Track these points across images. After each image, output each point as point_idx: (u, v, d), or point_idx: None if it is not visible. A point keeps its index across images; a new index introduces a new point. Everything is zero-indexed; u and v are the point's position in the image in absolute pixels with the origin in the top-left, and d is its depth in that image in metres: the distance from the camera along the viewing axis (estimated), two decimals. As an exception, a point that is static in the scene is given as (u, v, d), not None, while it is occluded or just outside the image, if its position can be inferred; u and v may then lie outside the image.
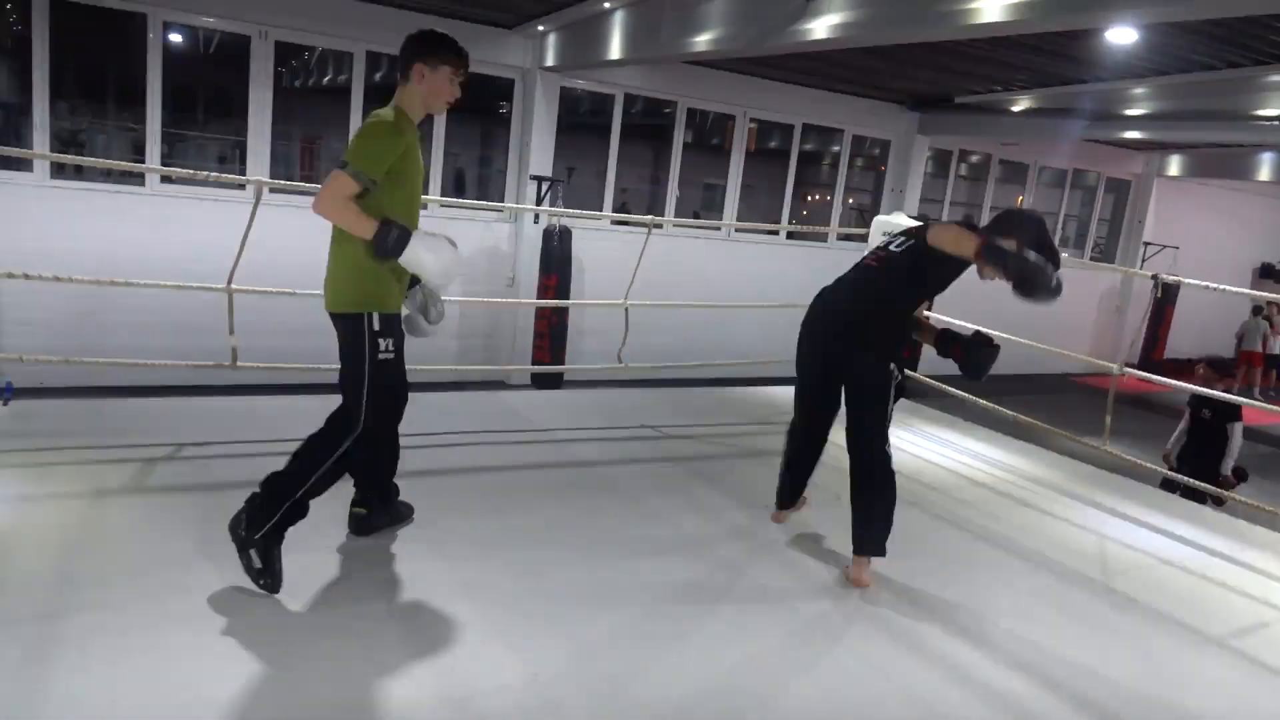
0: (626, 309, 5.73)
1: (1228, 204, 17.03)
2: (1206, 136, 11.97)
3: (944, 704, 2.77)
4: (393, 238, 2.84)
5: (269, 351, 5.27)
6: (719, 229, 11.49)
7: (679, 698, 2.63)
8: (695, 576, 3.43)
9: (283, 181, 8.88)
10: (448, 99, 3.07)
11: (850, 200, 13.27)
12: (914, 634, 3.15)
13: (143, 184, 8.48)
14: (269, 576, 2.89)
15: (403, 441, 4.51)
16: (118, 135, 9.09)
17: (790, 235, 12.24)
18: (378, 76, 9.43)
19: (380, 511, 3.47)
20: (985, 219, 14.74)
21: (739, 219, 11.75)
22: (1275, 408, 7.88)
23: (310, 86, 9.80)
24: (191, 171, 7.69)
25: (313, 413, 3.17)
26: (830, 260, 10.84)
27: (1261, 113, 9.58)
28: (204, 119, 9.56)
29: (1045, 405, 3.63)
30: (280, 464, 2.99)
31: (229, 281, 4.65)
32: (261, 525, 2.87)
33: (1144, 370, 6.36)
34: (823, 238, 12.22)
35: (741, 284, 10.77)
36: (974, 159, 14.20)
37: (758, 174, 12.29)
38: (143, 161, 8.43)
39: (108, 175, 8.45)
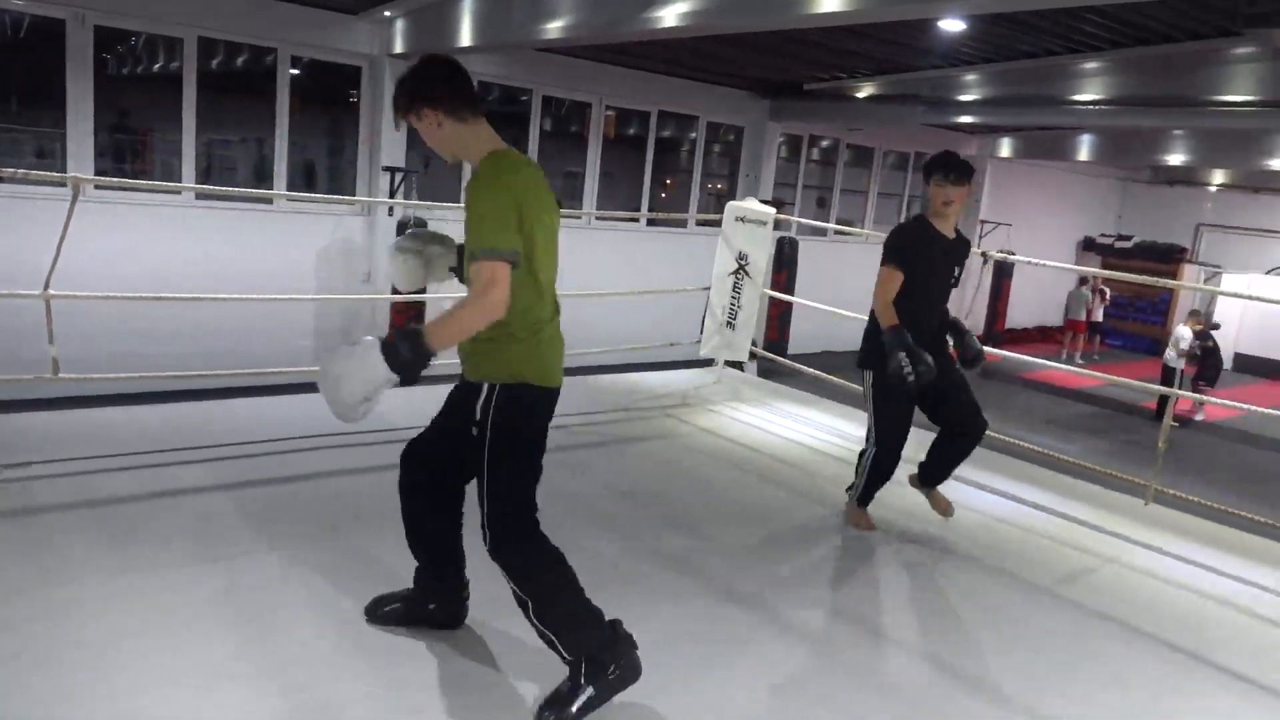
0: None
1: (1054, 183, 18.32)
2: (1031, 120, 12.80)
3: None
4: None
5: (98, 360, 4.93)
6: (579, 218, 11.50)
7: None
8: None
9: (106, 178, 8.27)
10: None
11: (713, 185, 13.53)
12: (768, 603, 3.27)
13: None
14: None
15: (255, 449, 4.36)
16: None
17: (650, 222, 12.38)
18: (212, 64, 8.93)
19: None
20: (835, 203, 15.26)
21: (599, 207, 11.79)
22: (1092, 372, 8.52)
23: (139, 74, 9.19)
24: None
25: (145, 424, 2.99)
26: (689, 246, 11.15)
27: (1078, 98, 10.33)
28: (17, 110, 8.82)
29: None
30: (112, 479, 2.81)
31: (45, 287, 4.31)
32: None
33: (987, 343, 6.75)
34: (682, 223, 12.41)
35: (602, 272, 10.81)
36: (824, 144, 14.72)
37: (617, 162, 12.36)
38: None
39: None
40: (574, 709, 2.40)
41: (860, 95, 12.06)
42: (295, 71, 9.42)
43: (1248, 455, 11.42)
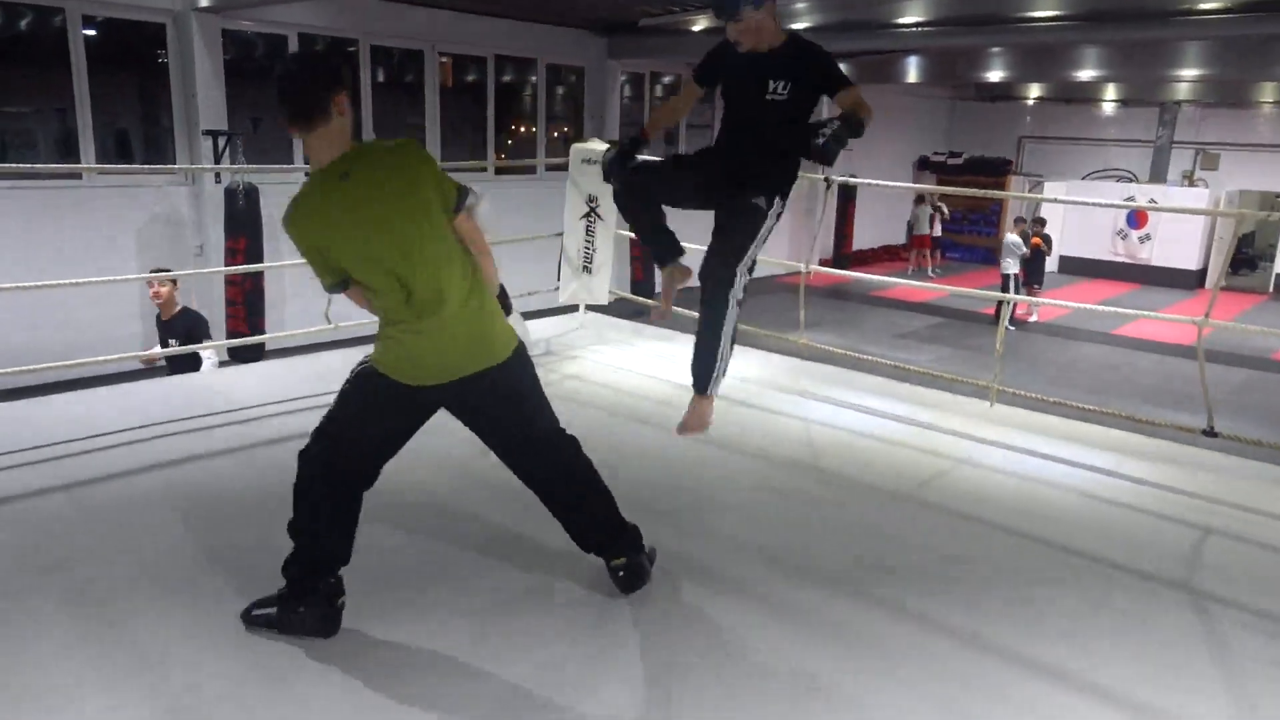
0: (328, 266, 5.39)
1: (887, 106, 18.89)
2: (859, 45, 13.13)
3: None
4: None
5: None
6: (424, 171, 11.10)
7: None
8: (419, 526, 3.36)
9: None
10: None
11: (560, 129, 13.30)
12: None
13: None
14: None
15: (78, 445, 4.03)
16: None
17: (499, 170, 12.09)
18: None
19: None
20: (682, 138, 15.25)
21: (444, 158, 11.40)
22: (936, 285, 8.94)
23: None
24: None
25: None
26: (541, 192, 10.96)
27: (902, 21, 10.65)
28: None
29: (751, 310, 3.90)
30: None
31: None
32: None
33: (836, 265, 6.95)
34: (532, 170, 12.19)
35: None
36: (666, 80, 14.69)
37: (459, 111, 11.97)
38: None
39: None
40: (255, 612, 2.66)
41: (695, 29, 12.06)
42: (91, 33, 8.61)
43: (1079, 350, 12.34)
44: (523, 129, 13.07)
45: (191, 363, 5.90)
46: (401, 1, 10.33)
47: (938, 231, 18.56)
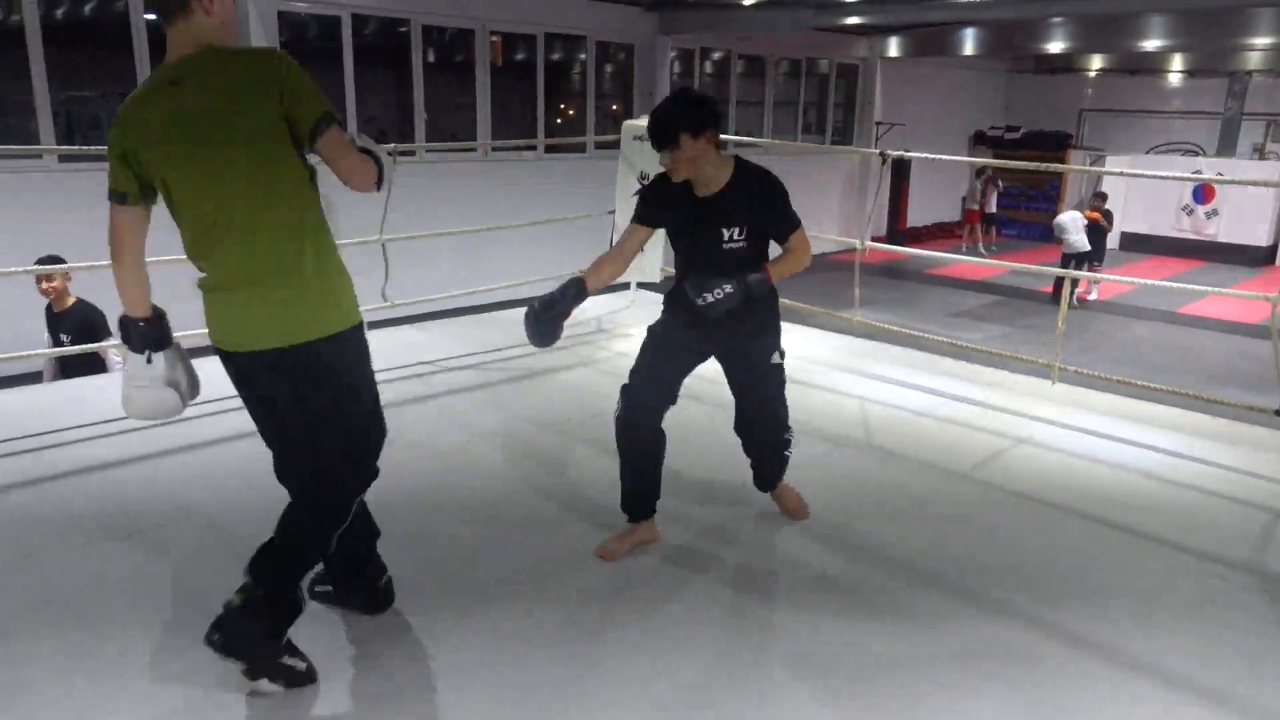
0: (384, 244, 5.46)
1: (943, 80, 18.56)
2: (916, 17, 12.85)
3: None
4: (382, 167, 2.31)
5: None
6: (475, 149, 11.16)
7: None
8: (490, 495, 3.40)
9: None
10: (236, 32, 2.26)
11: (609, 107, 13.26)
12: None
13: None
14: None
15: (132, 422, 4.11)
16: None
17: (549, 149, 12.10)
18: (57, 14, 8.25)
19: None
20: (732, 115, 15.10)
21: (494, 137, 11.45)
22: (993, 261, 8.76)
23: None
24: None
25: None
26: (590, 169, 10.95)
27: (960, -9, 10.39)
28: None
29: (804, 287, 3.85)
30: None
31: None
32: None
33: (890, 242, 6.85)
34: (581, 148, 12.17)
35: (504, 204, 10.57)
36: (716, 56, 14.54)
37: (509, 89, 11.97)
38: None
39: None
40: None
41: (747, 3, 11.90)
42: (151, 16, 8.77)
43: (1142, 328, 12.01)
44: (571, 107, 13.05)
45: (92, 363, 5.28)
46: (452, -20, 10.37)
47: (992, 207, 18.16)
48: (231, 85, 2.06)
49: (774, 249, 2.95)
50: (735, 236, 2.85)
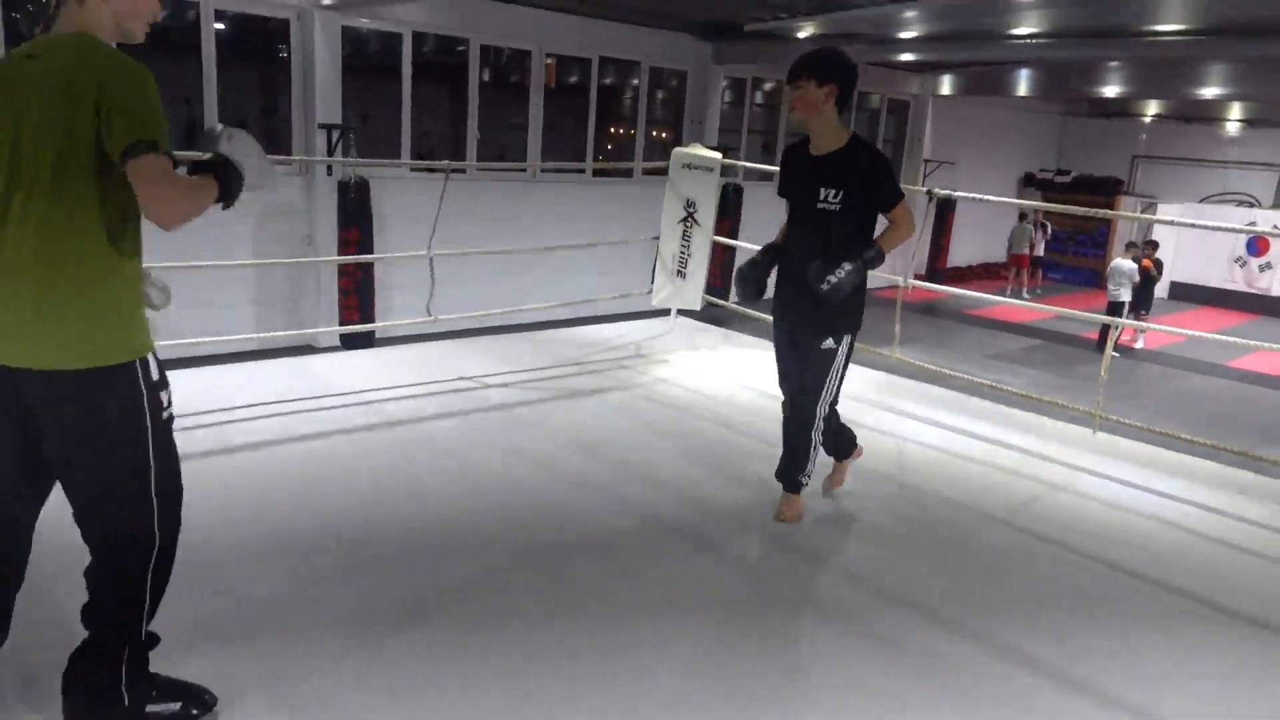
0: (431, 259, 5.55)
1: (994, 120, 18.46)
2: (971, 55, 12.83)
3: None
4: (236, 180, 2.08)
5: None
6: (524, 170, 11.31)
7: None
8: (516, 520, 3.43)
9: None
10: (150, 18, 2.16)
11: (658, 133, 13.38)
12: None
13: None
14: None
15: (207, 419, 4.25)
16: None
17: (596, 173, 12.22)
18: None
19: None
20: (781, 146, 15.16)
21: (543, 159, 11.60)
22: (1040, 306, 8.67)
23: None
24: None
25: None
26: (636, 195, 11.05)
27: (1016, 32, 10.36)
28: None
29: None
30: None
31: None
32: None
33: (929, 280, 6.82)
34: (628, 173, 12.28)
35: (549, 225, 10.70)
36: (767, 86, 14.61)
37: (560, 111, 12.14)
38: None
39: None
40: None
41: (801, 35, 11.95)
42: (220, 26, 9.05)
43: (1187, 380, 11.79)
44: (620, 131, 13.18)
45: None
46: (511, 3, 10.54)
47: (1040, 251, 17.97)
48: (67, 82, 1.91)
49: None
50: (830, 198, 3.15)
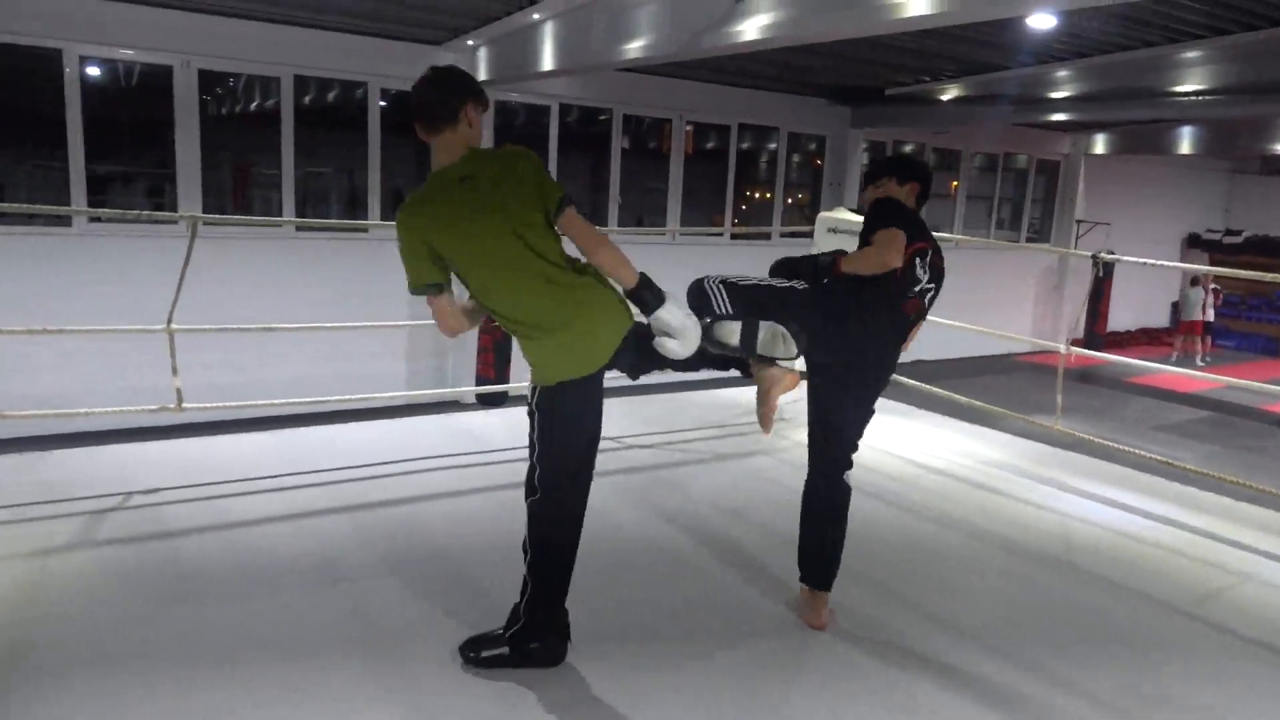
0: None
1: (1153, 178, 17.56)
2: (1129, 115, 12.30)
3: (926, 695, 2.78)
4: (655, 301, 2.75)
5: (215, 389, 5.14)
6: (663, 234, 11.50)
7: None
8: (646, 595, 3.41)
9: (217, 215, 8.72)
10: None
11: (795, 196, 13.39)
12: (888, 635, 3.17)
13: (70, 225, 8.22)
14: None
15: (355, 473, 4.46)
16: (41, 175, 8.78)
17: (734, 236, 12.31)
18: (306, 100, 9.27)
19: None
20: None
21: (682, 223, 11.77)
22: (1212, 375, 8.10)
23: (238, 113, 9.59)
24: (122, 211, 7.47)
25: (266, 449, 3.08)
26: (774, 258, 10.98)
27: (1177, 89, 9.88)
28: (130, 153, 9.29)
29: (992, 387, 3.67)
30: (238, 504, 2.89)
31: (169, 321, 4.50)
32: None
33: (1087, 346, 6.49)
34: (767, 236, 12.30)
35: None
36: (908, 149, 14.42)
37: (698, 176, 12.34)
38: (68, 203, 8.13)
39: (31, 220, 8.16)
40: (484, 654, 2.76)
41: (945, 98, 11.78)
42: (384, 104, 9.69)
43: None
44: (756, 195, 13.26)
45: None
46: (652, 74, 10.86)
47: (1210, 316, 16.80)
48: (511, 178, 2.58)
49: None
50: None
